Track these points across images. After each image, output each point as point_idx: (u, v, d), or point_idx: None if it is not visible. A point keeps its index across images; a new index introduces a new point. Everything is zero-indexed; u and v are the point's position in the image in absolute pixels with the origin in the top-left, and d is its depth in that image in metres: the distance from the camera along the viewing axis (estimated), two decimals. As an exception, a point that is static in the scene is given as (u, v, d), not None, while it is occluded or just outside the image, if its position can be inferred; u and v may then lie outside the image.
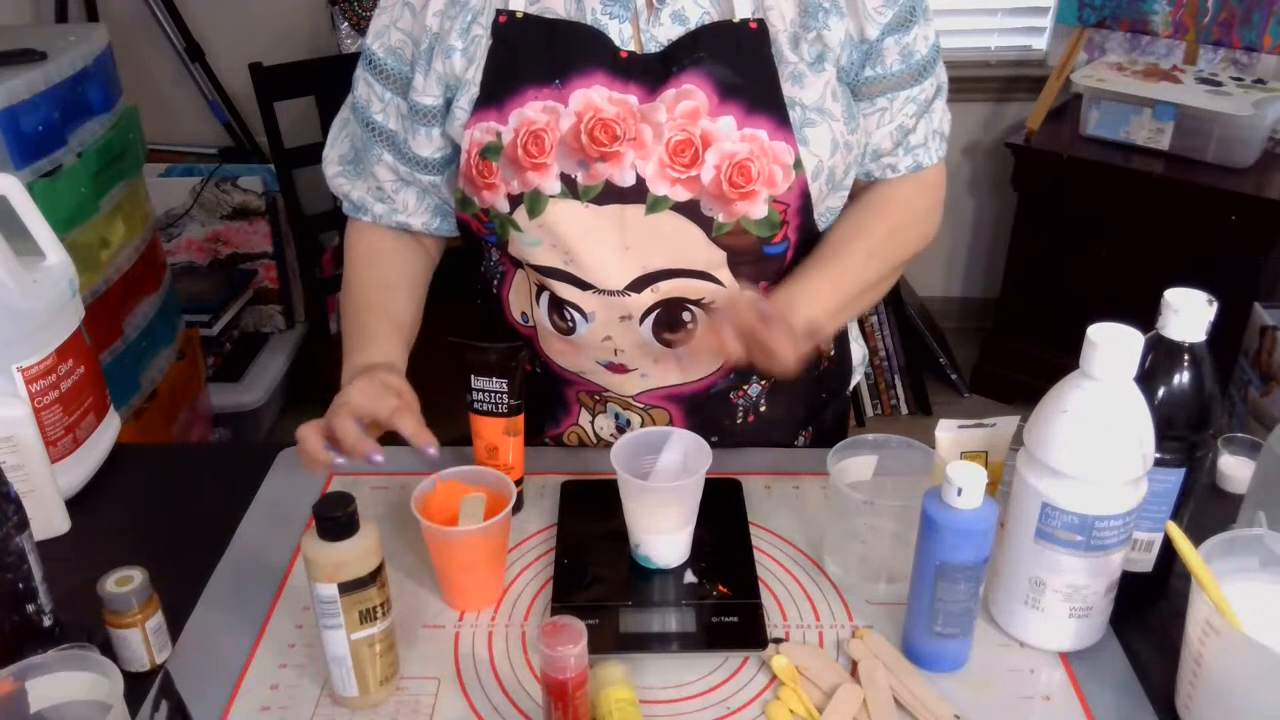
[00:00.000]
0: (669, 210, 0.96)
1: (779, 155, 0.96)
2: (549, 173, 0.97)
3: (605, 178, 0.96)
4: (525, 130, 0.96)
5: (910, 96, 1.03)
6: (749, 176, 0.95)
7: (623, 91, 0.96)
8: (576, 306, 1.02)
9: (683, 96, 0.95)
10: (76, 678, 0.71)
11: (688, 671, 0.86)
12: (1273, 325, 2.15)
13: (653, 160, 0.95)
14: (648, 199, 0.96)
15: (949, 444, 0.94)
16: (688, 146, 0.95)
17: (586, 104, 0.95)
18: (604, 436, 1.13)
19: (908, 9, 0.99)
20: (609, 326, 1.02)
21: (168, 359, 2.23)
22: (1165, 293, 0.83)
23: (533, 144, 0.96)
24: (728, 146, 0.95)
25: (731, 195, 0.96)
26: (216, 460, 1.23)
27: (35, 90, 1.74)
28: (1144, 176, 2.41)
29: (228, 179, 2.64)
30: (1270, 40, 2.30)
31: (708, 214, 0.97)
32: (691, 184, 0.96)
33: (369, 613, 0.78)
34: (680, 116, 0.95)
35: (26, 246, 1.04)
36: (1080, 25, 2.52)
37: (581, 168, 0.96)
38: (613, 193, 0.96)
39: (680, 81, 0.95)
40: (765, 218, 0.97)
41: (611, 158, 0.95)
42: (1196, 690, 0.78)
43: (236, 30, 2.69)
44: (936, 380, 2.88)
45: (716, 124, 0.95)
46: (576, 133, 0.96)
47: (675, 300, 1.01)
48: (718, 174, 0.95)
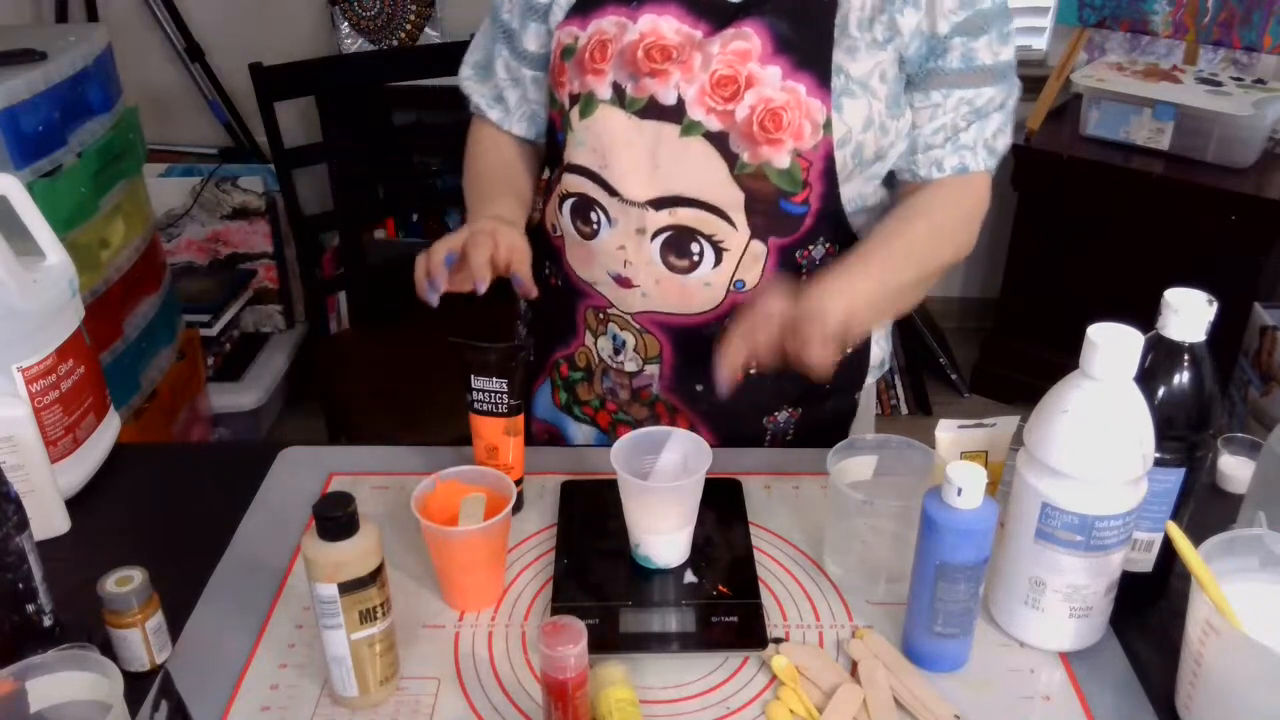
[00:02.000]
0: (700, 137, 1.02)
1: (811, 111, 1.01)
2: (604, 79, 1.05)
3: (650, 93, 1.03)
4: (595, 38, 1.06)
5: (965, 99, 1.06)
6: (779, 124, 1.01)
7: (692, 25, 1.03)
8: (603, 209, 1.08)
9: (739, 37, 1.02)
10: (76, 678, 0.71)
11: (688, 671, 0.86)
12: (1273, 325, 2.15)
13: (695, 86, 1.02)
14: (684, 121, 1.03)
15: (949, 444, 0.94)
16: (731, 82, 1.01)
17: (652, 26, 1.04)
18: (604, 357, 1.16)
19: (983, 17, 1.03)
20: (625, 236, 1.08)
21: (168, 359, 2.23)
22: (1165, 293, 0.83)
23: (598, 50, 1.06)
24: (767, 92, 1.01)
25: (760, 137, 1.01)
26: (216, 460, 1.23)
27: (35, 90, 1.74)
28: (1144, 176, 2.41)
29: (228, 179, 2.64)
30: (1270, 40, 2.30)
31: (735, 150, 1.02)
32: (725, 117, 1.02)
33: (369, 613, 0.78)
34: (730, 53, 1.01)
35: (26, 246, 1.04)
36: (1080, 25, 2.52)
37: (632, 80, 1.04)
38: (654, 108, 1.03)
39: (741, 24, 1.02)
40: (788, 170, 1.02)
41: (660, 74, 1.03)
42: (1196, 690, 0.78)
43: (236, 30, 2.69)
44: (936, 380, 2.88)
45: (764, 70, 1.01)
46: (635, 47, 1.04)
47: (688, 229, 1.05)
48: (751, 114, 1.01)
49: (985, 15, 1.04)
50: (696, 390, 1.14)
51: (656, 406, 1.16)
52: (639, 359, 1.14)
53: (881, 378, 2.79)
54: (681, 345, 1.12)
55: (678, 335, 1.11)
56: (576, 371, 1.21)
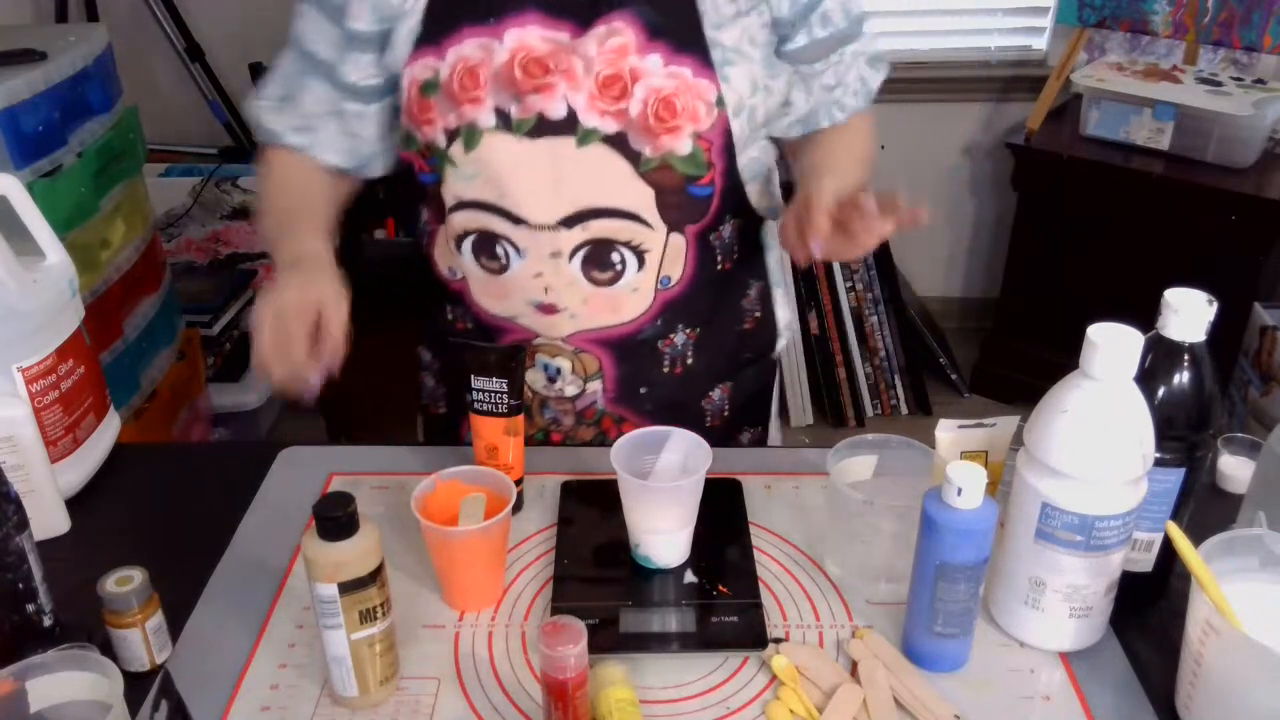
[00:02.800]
0: (599, 143, 1.00)
1: (702, 92, 1.00)
2: (484, 106, 1.00)
3: (538, 110, 0.99)
4: (461, 66, 1.00)
5: (860, 50, 1.11)
6: (674, 111, 0.99)
7: (554, 30, 0.99)
8: (510, 241, 1.04)
9: (612, 34, 0.99)
10: (76, 678, 0.71)
11: (688, 671, 0.86)
12: (1273, 325, 2.15)
13: (583, 93, 0.99)
14: (578, 131, 0.99)
15: (949, 444, 0.94)
16: (616, 80, 0.98)
17: (520, 40, 0.99)
18: (537, 389, 1.14)
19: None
20: (540, 263, 1.04)
21: (168, 359, 2.23)
22: (1165, 293, 0.83)
23: (468, 78, 0.99)
24: (654, 82, 0.99)
25: (658, 129, 0.99)
26: (216, 460, 1.23)
27: (35, 90, 1.74)
28: (1144, 176, 2.41)
29: (228, 179, 2.64)
30: (1270, 40, 2.30)
31: (635, 148, 1.00)
32: (620, 116, 0.99)
33: (369, 613, 0.78)
34: (610, 51, 0.98)
35: (26, 246, 1.04)
36: (1080, 25, 2.52)
37: (515, 101, 0.99)
38: (545, 125, 0.99)
39: (609, 20, 0.99)
40: (690, 155, 1.01)
41: (544, 89, 0.99)
42: (1196, 690, 0.78)
43: (236, 30, 2.69)
44: (936, 380, 2.88)
45: (644, 61, 0.99)
46: (510, 66, 0.99)
47: (605, 240, 1.03)
48: (644, 107, 0.99)
49: None
50: (640, 393, 1.13)
51: (603, 422, 1.15)
52: (579, 380, 1.12)
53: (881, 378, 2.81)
54: (621, 355, 1.10)
55: (615, 347, 1.10)
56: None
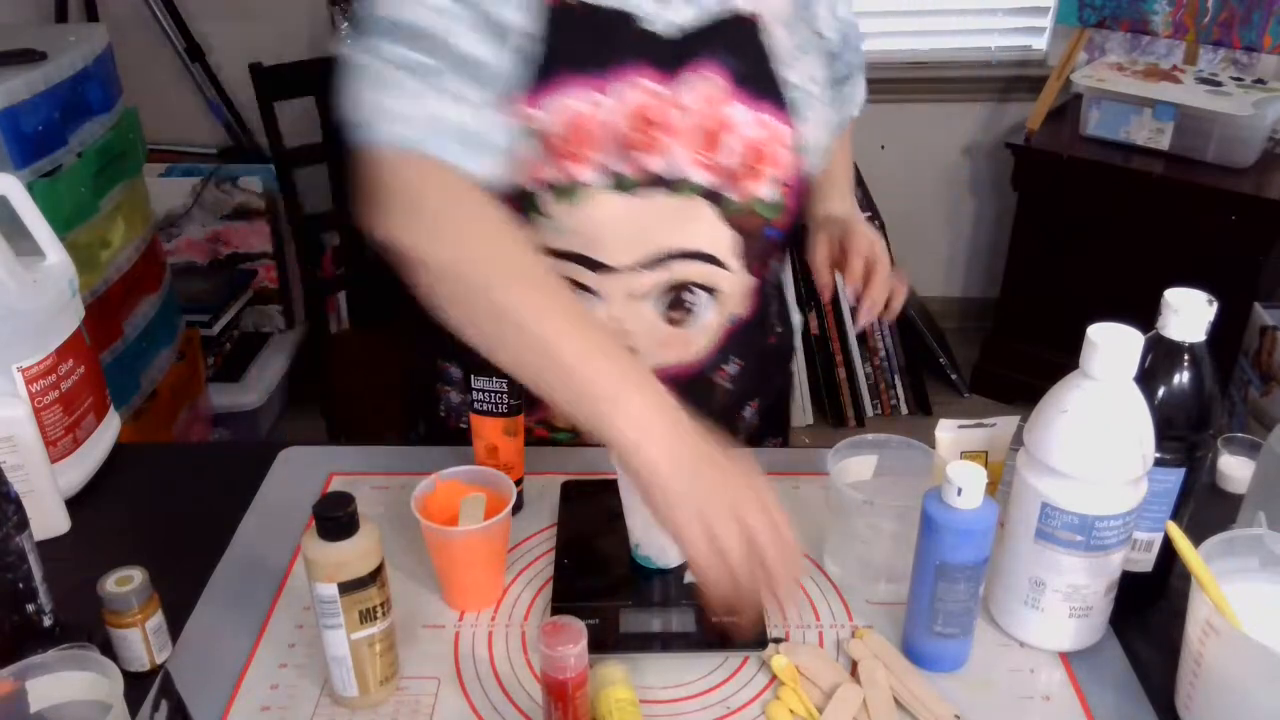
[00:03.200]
0: (695, 195, 1.00)
1: (783, 138, 1.01)
2: (588, 164, 0.96)
3: (645, 167, 0.97)
4: (564, 120, 0.94)
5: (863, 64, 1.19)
6: (761, 158, 1.00)
7: (653, 77, 0.97)
8: (588, 287, 1.02)
9: (704, 82, 0.98)
10: (76, 678, 0.71)
11: (688, 671, 0.86)
12: (1273, 325, 2.15)
13: (685, 146, 0.98)
14: (676, 183, 0.99)
15: (949, 444, 0.94)
16: (710, 131, 0.98)
17: (627, 95, 0.95)
18: None
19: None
20: (617, 306, 1.03)
21: (168, 359, 2.23)
22: (1165, 293, 0.83)
23: (575, 135, 0.94)
24: (745, 131, 0.99)
25: (746, 177, 1.00)
26: (216, 460, 1.23)
27: (35, 90, 1.74)
28: (1144, 176, 2.41)
29: (228, 179, 2.64)
30: (1270, 40, 2.30)
31: (724, 195, 1.01)
32: (714, 168, 0.99)
33: (369, 613, 0.78)
34: (704, 101, 0.98)
35: (26, 246, 1.04)
36: (1080, 25, 2.52)
37: (624, 159, 0.96)
38: (649, 181, 0.98)
39: (700, 67, 0.98)
40: (772, 200, 1.02)
41: (651, 147, 0.97)
42: (1196, 690, 0.78)
43: (236, 30, 2.69)
44: (936, 380, 2.88)
45: (733, 109, 0.99)
46: (619, 124, 0.95)
47: (682, 283, 1.03)
48: (736, 158, 0.99)
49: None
50: None
51: None
52: None
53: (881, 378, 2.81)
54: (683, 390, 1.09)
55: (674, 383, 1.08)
56: (560, 433, 1.14)
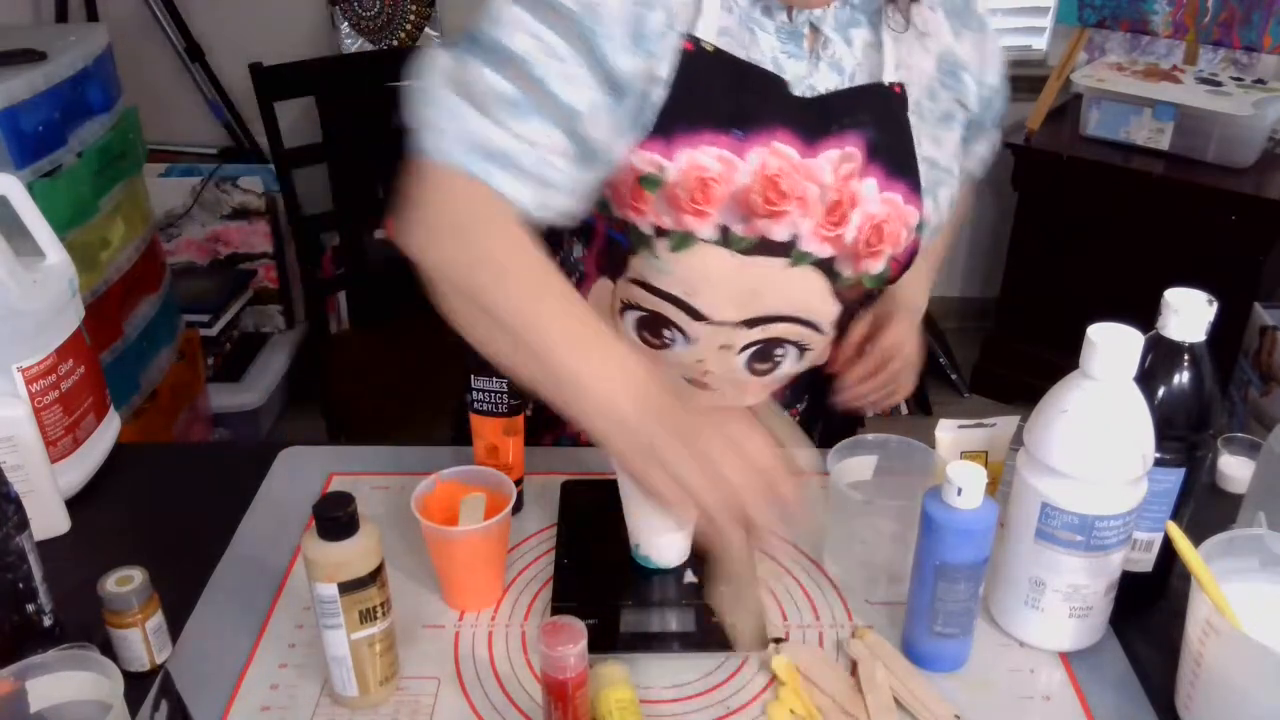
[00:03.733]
0: (809, 265, 0.97)
1: (907, 218, 0.98)
2: (708, 220, 0.92)
3: (762, 234, 0.94)
4: (694, 175, 0.90)
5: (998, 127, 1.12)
6: (882, 237, 0.97)
7: (787, 141, 0.92)
8: (681, 330, 1.00)
9: (846, 159, 0.94)
10: (76, 678, 0.71)
11: (688, 671, 0.86)
12: (1273, 325, 2.15)
13: (811, 219, 0.94)
14: (793, 254, 0.95)
15: (949, 444, 0.94)
16: (839, 206, 0.95)
17: (763, 161, 0.91)
18: None
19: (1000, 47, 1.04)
20: (706, 351, 1.01)
21: (168, 359, 2.23)
22: (1165, 293, 0.83)
23: (699, 190, 0.90)
24: (870, 208, 0.96)
25: (864, 253, 0.97)
26: (216, 460, 1.23)
27: (35, 90, 1.74)
28: (1144, 176, 2.41)
29: (228, 179, 2.64)
30: (1270, 40, 2.30)
31: (838, 269, 0.98)
32: (836, 242, 0.96)
33: (369, 613, 0.78)
34: (842, 178, 0.94)
35: (26, 246, 1.04)
36: (1080, 25, 2.52)
37: (742, 221, 0.92)
38: (764, 246, 0.94)
39: (843, 141, 0.94)
40: (881, 274, 1.00)
41: (777, 216, 0.93)
42: (1196, 690, 0.78)
43: (236, 30, 2.69)
44: (936, 380, 2.88)
45: (864, 185, 0.95)
46: (749, 190, 0.91)
47: (776, 339, 1.01)
48: (859, 235, 0.96)
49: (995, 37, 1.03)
50: None
51: None
52: None
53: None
54: None
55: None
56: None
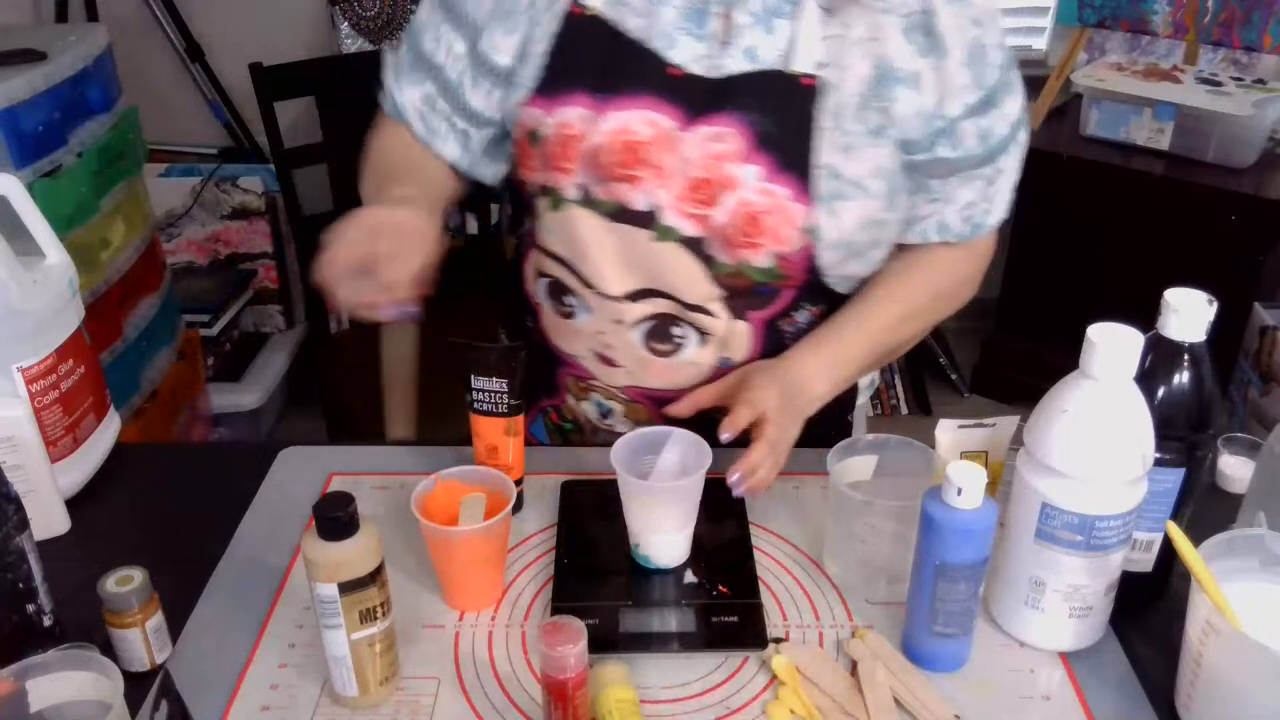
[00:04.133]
0: (675, 242, 0.97)
1: (792, 217, 0.95)
2: (570, 178, 0.98)
3: (620, 199, 0.96)
4: (561, 132, 0.97)
5: (981, 174, 1.01)
6: (759, 229, 0.95)
7: (664, 113, 0.95)
8: (578, 297, 1.03)
9: (718, 138, 0.94)
10: (76, 678, 0.71)
11: (688, 671, 0.86)
12: (1273, 325, 2.15)
13: (670, 192, 0.95)
14: (657, 227, 0.97)
15: (949, 444, 0.94)
16: (708, 185, 0.95)
17: (622, 124, 0.95)
18: (590, 419, 1.14)
19: (991, 92, 0.96)
20: (603, 323, 1.04)
21: (168, 359, 2.23)
22: (1165, 293, 0.83)
23: (562, 147, 0.97)
24: (747, 195, 0.94)
25: (738, 241, 0.96)
26: (216, 460, 1.23)
27: (35, 90, 1.74)
28: (1144, 176, 2.41)
29: (228, 179, 2.64)
30: (1270, 40, 2.30)
31: (710, 253, 0.97)
32: (702, 222, 0.96)
33: (369, 613, 0.78)
34: (708, 156, 0.94)
35: (26, 246, 1.04)
36: (1080, 25, 2.52)
37: (600, 183, 0.97)
38: (625, 214, 0.97)
39: (720, 120, 0.94)
40: (768, 269, 0.98)
41: (632, 180, 0.95)
42: (1196, 690, 0.78)
43: (236, 30, 2.69)
44: (936, 380, 2.88)
45: (743, 171, 0.94)
46: (604, 150, 0.95)
47: (669, 316, 1.02)
48: (730, 219, 0.95)
49: (995, 87, 0.95)
50: None
51: None
52: (630, 423, 1.11)
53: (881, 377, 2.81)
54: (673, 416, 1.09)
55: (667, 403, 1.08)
56: (566, 423, 1.17)
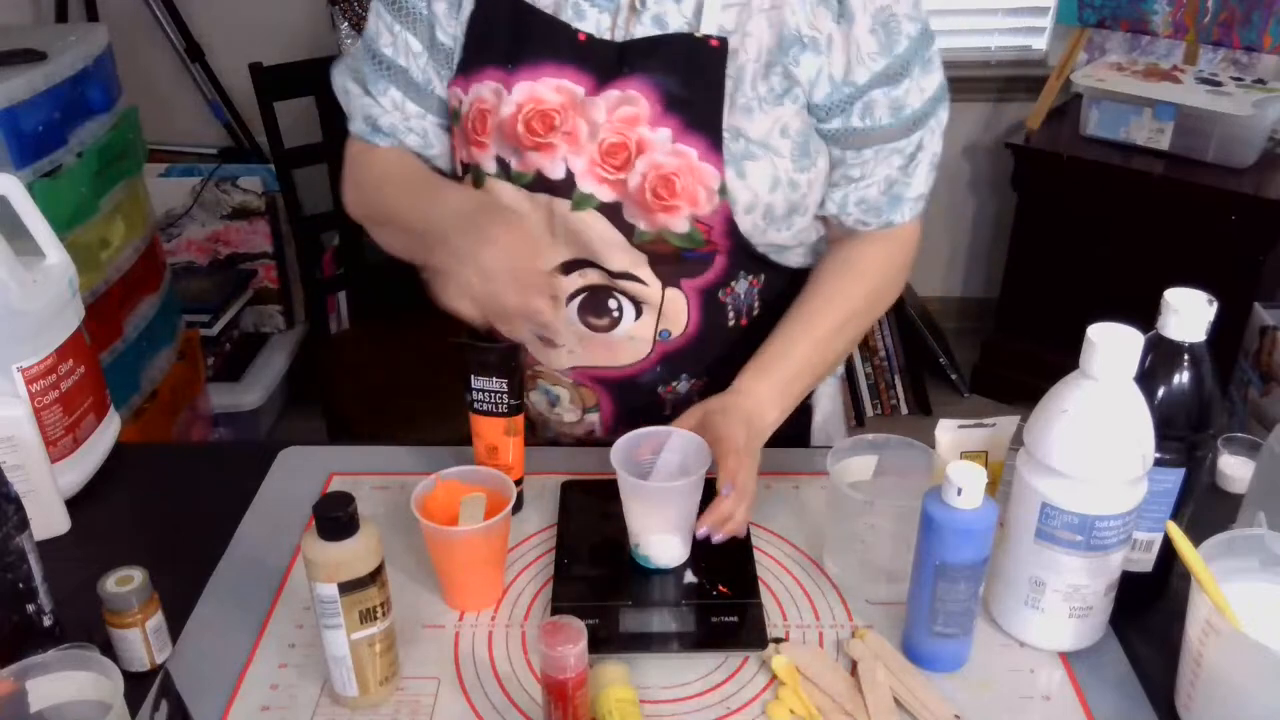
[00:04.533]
0: (593, 210, 0.98)
1: (703, 177, 0.96)
2: (487, 152, 1.00)
3: (536, 167, 0.98)
4: (476, 107, 1.00)
5: (897, 149, 1.01)
6: (672, 191, 0.96)
7: (573, 79, 0.97)
8: None
9: (625, 101, 0.96)
10: (76, 678, 0.71)
11: (688, 671, 0.86)
12: (1273, 325, 2.15)
13: (584, 157, 0.97)
14: (574, 195, 0.98)
15: (949, 444, 0.94)
16: (621, 150, 0.96)
17: (529, 94, 0.97)
18: (540, 409, 1.14)
19: (902, 62, 0.97)
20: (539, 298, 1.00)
21: (168, 359, 2.23)
22: (1165, 293, 0.83)
23: (479, 121, 0.99)
24: (658, 158, 0.96)
25: (654, 205, 0.97)
26: (216, 460, 1.23)
27: (35, 90, 1.74)
28: (1144, 176, 2.41)
29: (228, 179, 2.64)
30: (1270, 40, 2.30)
31: (630, 220, 0.98)
32: (618, 186, 0.97)
33: (369, 613, 0.78)
34: (618, 120, 0.96)
35: (26, 246, 1.04)
36: (1080, 25, 2.52)
37: (515, 154, 0.99)
38: (542, 183, 0.99)
39: (627, 84, 0.96)
40: (687, 233, 0.99)
41: (544, 148, 0.97)
42: (1196, 690, 0.78)
43: (236, 30, 2.69)
44: (936, 380, 2.88)
45: (654, 134, 0.96)
46: (514, 120, 0.98)
47: (603, 287, 1.02)
48: (643, 181, 0.96)
49: (905, 57, 0.96)
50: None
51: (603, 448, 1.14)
52: (577, 410, 1.11)
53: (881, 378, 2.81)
54: (619, 395, 1.09)
55: (613, 387, 1.09)
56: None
